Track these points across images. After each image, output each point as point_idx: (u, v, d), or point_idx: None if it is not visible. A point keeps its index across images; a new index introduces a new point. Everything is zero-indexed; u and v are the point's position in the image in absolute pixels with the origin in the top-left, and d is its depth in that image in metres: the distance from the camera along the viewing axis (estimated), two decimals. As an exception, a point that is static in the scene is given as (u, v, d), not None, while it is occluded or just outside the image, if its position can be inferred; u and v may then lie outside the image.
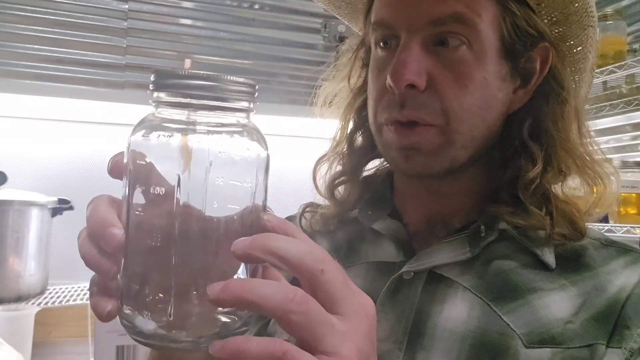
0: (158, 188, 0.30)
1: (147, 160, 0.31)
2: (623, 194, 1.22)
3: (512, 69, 0.51)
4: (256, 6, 1.69)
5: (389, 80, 0.49)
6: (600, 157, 0.54)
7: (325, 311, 0.30)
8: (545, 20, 0.51)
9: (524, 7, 0.50)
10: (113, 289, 0.32)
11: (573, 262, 0.50)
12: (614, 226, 1.21)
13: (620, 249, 0.52)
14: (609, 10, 1.30)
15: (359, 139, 0.62)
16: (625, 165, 1.24)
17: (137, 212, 0.31)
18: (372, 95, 0.54)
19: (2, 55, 1.48)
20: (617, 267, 0.50)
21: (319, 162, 0.64)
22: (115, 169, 0.33)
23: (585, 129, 0.54)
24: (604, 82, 1.35)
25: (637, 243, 1.33)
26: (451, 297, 0.49)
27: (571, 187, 0.54)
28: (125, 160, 0.32)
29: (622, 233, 1.18)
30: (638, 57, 1.20)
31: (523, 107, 0.53)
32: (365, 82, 0.60)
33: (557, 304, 0.47)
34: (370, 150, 0.61)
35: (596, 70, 1.25)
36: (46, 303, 1.24)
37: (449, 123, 0.49)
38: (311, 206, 0.65)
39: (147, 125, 0.32)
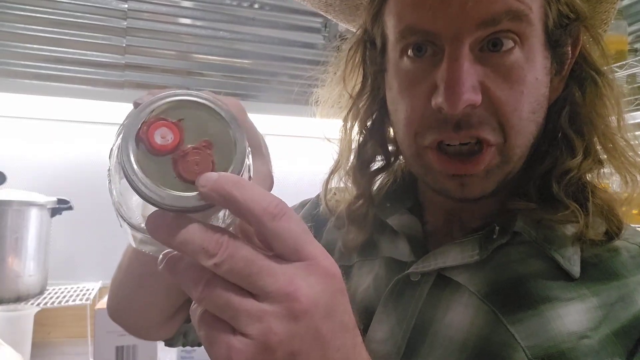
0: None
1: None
2: (624, 194, 1.22)
3: (552, 58, 0.46)
4: (256, 5, 1.68)
5: (440, 103, 0.42)
6: (636, 149, 0.48)
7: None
8: None
9: None
10: None
11: (599, 268, 0.44)
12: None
13: None
14: (609, 9, 1.30)
15: (369, 152, 0.56)
16: (626, 165, 1.24)
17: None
18: (404, 113, 0.47)
19: (2, 55, 1.47)
20: None
21: (329, 180, 0.59)
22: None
23: (624, 118, 0.49)
24: (605, 82, 1.35)
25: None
26: (456, 303, 0.45)
27: (605, 182, 0.49)
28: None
29: (623, 233, 1.18)
30: (639, 57, 1.20)
31: (560, 95, 0.48)
32: (365, 88, 0.55)
33: (573, 316, 0.42)
34: (384, 166, 0.57)
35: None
36: (45, 303, 1.24)
37: (507, 139, 0.44)
38: (337, 190, 0.60)
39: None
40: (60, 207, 1.29)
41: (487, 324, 0.43)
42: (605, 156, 0.47)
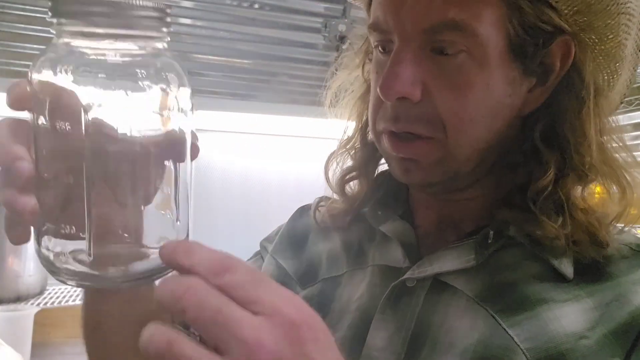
0: (66, 123, 0.29)
1: (54, 92, 0.29)
2: (624, 194, 1.22)
3: (524, 69, 0.47)
4: (256, 5, 1.68)
5: (378, 92, 0.46)
6: (625, 159, 0.49)
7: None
8: (566, 11, 0.45)
9: (535, 1, 0.45)
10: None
11: (593, 270, 0.45)
12: (615, 226, 1.20)
13: None
14: (609, 9, 1.30)
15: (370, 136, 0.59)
16: (626, 165, 1.24)
17: (47, 142, 0.30)
18: (372, 101, 0.51)
19: (2, 55, 1.47)
20: None
21: (331, 157, 0.61)
22: (19, 101, 0.32)
23: (609, 126, 0.49)
24: (605, 82, 1.35)
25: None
26: (454, 308, 0.46)
27: (597, 192, 0.49)
28: (29, 90, 0.31)
29: (623, 233, 1.18)
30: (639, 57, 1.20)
31: (540, 106, 0.49)
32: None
33: (569, 317, 0.43)
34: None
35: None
36: (45, 303, 1.24)
37: (447, 136, 0.46)
38: (325, 200, 0.63)
39: (52, 58, 0.31)
40: (60, 207, 1.29)
41: (486, 328, 0.44)
42: (584, 172, 0.47)
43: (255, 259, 0.67)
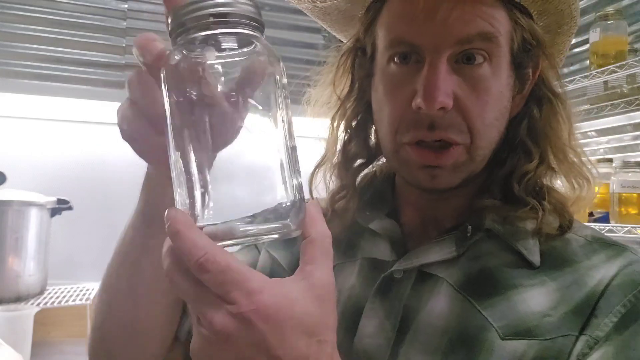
0: (193, 92, 0.32)
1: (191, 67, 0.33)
2: (624, 194, 1.22)
3: (516, 77, 0.54)
4: (256, 6, 1.68)
5: (419, 103, 0.49)
6: (585, 159, 0.57)
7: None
8: (542, 29, 0.54)
9: (527, 17, 0.52)
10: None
11: (555, 257, 0.52)
12: (615, 226, 1.21)
13: (604, 243, 0.53)
14: (610, 10, 1.30)
15: (353, 150, 0.62)
16: (626, 165, 1.24)
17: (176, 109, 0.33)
18: (387, 113, 0.53)
19: (2, 55, 1.47)
20: (598, 262, 0.51)
21: (314, 173, 0.64)
22: (158, 60, 0.35)
23: (574, 132, 0.57)
24: (605, 82, 1.35)
25: (638, 243, 1.33)
26: (436, 294, 0.52)
27: (558, 185, 0.57)
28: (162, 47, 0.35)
29: (623, 233, 1.18)
30: (639, 57, 1.20)
31: (520, 110, 0.57)
32: (352, 91, 0.61)
33: (536, 298, 0.49)
34: (366, 162, 0.63)
35: (597, 70, 1.25)
36: (45, 303, 1.24)
37: (473, 141, 0.51)
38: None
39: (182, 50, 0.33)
40: (60, 207, 1.29)
41: (463, 311, 0.50)
42: (556, 164, 0.55)
43: (248, 248, 0.68)
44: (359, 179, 0.63)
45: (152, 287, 0.48)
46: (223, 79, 0.33)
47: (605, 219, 1.29)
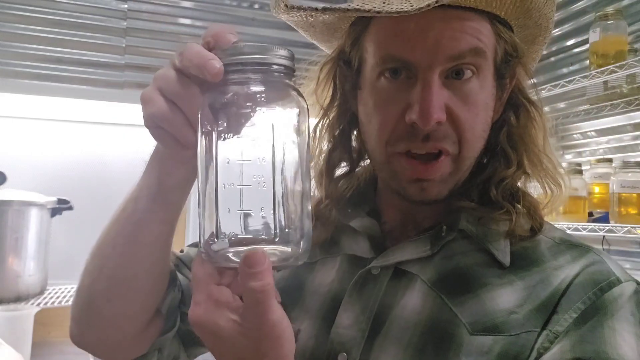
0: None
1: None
2: (624, 194, 1.22)
3: (497, 87, 0.56)
4: (256, 6, 1.68)
5: (414, 119, 0.50)
6: (556, 164, 0.59)
7: None
8: (519, 40, 0.57)
9: (509, 30, 0.55)
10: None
11: (524, 258, 0.54)
12: (615, 226, 1.21)
13: (570, 245, 0.56)
14: (609, 10, 1.30)
15: (336, 158, 0.64)
16: (625, 165, 1.24)
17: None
18: (377, 125, 0.55)
19: (2, 55, 1.47)
20: (563, 262, 0.53)
21: None
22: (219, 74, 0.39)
23: (548, 138, 0.60)
24: (605, 82, 1.34)
25: (638, 243, 1.33)
26: (410, 290, 0.54)
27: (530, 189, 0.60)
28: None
29: (622, 233, 1.18)
30: (639, 57, 1.20)
31: (499, 117, 0.59)
32: (334, 101, 0.63)
33: (504, 297, 0.51)
34: (348, 172, 0.65)
35: (597, 70, 1.25)
36: (45, 303, 1.24)
37: (461, 151, 0.53)
38: None
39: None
40: (60, 207, 1.29)
41: (435, 307, 0.52)
42: (531, 170, 0.58)
43: None
44: (340, 184, 0.65)
45: (146, 258, 0.51)
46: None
47: (604, 219, 1.29)
